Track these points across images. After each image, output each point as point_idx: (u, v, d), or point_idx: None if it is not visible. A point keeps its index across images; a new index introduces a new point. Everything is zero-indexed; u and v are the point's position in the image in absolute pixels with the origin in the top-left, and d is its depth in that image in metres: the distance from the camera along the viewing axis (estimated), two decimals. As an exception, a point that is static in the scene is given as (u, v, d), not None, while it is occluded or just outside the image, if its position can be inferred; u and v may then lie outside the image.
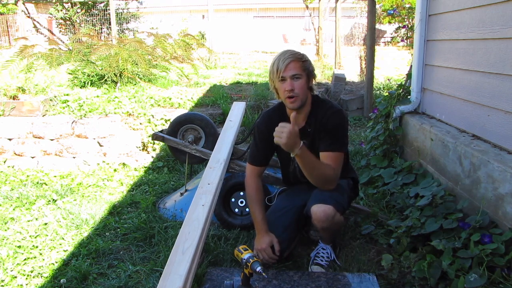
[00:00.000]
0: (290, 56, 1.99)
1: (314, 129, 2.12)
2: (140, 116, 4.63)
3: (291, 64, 1.98)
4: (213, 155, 2.61)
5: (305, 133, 2.12)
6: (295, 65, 1.98)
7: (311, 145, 2.13)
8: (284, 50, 2.04)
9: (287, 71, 1.98)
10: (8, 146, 4.53)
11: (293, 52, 2.03)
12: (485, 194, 2.12)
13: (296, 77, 1.99)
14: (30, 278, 2.31)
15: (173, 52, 6.11)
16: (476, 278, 1.76)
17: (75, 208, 3.15)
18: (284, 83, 2.00)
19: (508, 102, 2.12)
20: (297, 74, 1.99)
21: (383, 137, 3.39)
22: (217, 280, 2.05)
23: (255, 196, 2.23)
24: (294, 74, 1.98)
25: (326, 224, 2.02)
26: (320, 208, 2.00)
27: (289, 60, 1.98)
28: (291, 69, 1.98)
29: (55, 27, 12.13)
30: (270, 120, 2.15)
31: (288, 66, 1.97)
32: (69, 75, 5.53)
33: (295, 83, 1.99)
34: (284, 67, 1.97)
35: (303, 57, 2.03)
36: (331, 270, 2.17)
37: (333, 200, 2.02)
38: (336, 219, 2.04)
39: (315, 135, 2.13)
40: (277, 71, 1.99)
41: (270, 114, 2.23)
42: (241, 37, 15.06)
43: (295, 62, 1.99)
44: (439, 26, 2.97)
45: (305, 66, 2.02)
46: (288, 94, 2.00)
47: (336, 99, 6.54)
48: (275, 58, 2.04)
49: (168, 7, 19.30)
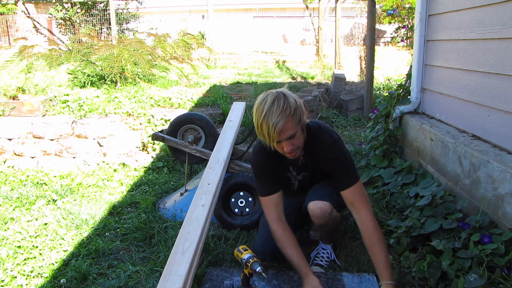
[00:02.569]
0: (280, 117, 1.71)
1: (312, 160, 2.06)
2: (140, 116, 4.63)
3: (283, 127, 1.74)
4: (213, 155, 2.61)
5: (304, 166, 2.10)
6: (287, 126, 1.75)
7: (311, 176, 2.14)
8: (269, 105, 1.73)
9: (281, 136, 1.76)
10: (8, 146, 4.53)
11: (280, 107, 1.73)
12: (485, 194, 2.12)
13: (291, 137, 1.80)
14: (30, 278, 2.31)
15: (173, 52, 6.11)
16: (476, 278, 1.76)
17: (75, 208, 3.15)
18: (280, 144, 1.82)
19: (508, 102, 2.12)
20: (292, 134, 1.79)
21: (383, 137, 3.39)
22: (217, 280, 2.05)
23: (286, 239, 1.97)
24: (289, 136, 1.79)
25: (323, 221, 2.03)
26: (316, 204, 2.01)
27: (280, 124, 1.72)
28: (284, 132, 1.75)
29: (55, 27, 12.12)
30: (264, 152, 2.00)
31: (281, 131, 1.74)
32: (69, 75, 5.53)
33: (292, 141, 1.82)
34: (278, 134, 1.74)
35: (291, 110, 1.75)
36: (331, 270, 2.17)
37: (329, 197, 2.03)
38: (333, 215, 2.04)
39: (314, 167, 2.08)
40: (269, 136, 1.75)
41: (263, 147, 1.98)
42: (241, 37, 15.06)
43: (287, 123, 1.74)
44: (439, 26, 2.97)
45: (296, 120, 1.78)
46: (288, 154, 1.86)
47: (336, 99, 6.54)
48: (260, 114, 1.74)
49: (167, 7, 19.28)
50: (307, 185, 2.20)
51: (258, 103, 1.79)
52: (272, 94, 1.78)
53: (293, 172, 2.16)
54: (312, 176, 2.14)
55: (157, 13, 16.76)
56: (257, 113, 1.77)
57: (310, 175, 2.14)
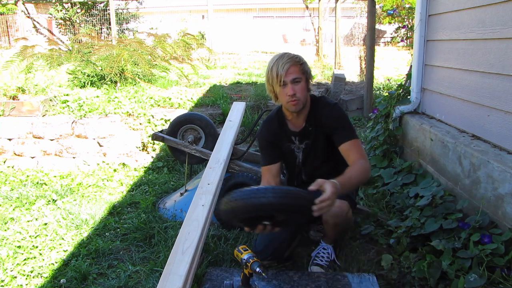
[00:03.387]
0: (288, 60, 1.98)
1: (314, 128, 2.14)
2: (140, 116, 4.63)
3: (290, 68, 1.97)
4: (213, 155, 2.61)
5: (306, 133, 2.15)
6: (294, 69, 1.98)
7: (313, 143, 2.17)
8: (281, 54, 2.03)
9: (287, 75, 1.97)
10: (8, 146, 4.53)
11: (290, 55, 2.01)
12: (485, 194, 2.12)
13: (296, 81, 1.99)
14: (30, 278, 2.31)
15: (173, 52, 6.12)
16: (476, 278, 1.76)
17: (75, 208, 3.15)
18: (285, 88, 1.99)
19: (508, 102, 2.12)
20: (297, 78, 1.98)
21: (383, 137, 3.39)
22: (217, 280, 2.05)
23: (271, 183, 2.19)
24: (294, 78, 1.98)
25: (340, 220, 2.04)
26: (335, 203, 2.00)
27: (288, 64, 1.96)
28: (291, 73, 1.97)
29: (55, 27, 12.12)
30: (270, 128, 2.21)
31: (288, 71, 1.96)
32: (69, 75, 5.53)
33: (296, 87, 1.99)
34: (285, 72, 1.96)
35: (300, 59, 2.03)
36: (331, 270, 2.17)
37: (347, 197, 2.05)
38: (349, 216, 2.07)
39: (316, 133, 2.15)
40: (277, 76, 1.97)
41: (269, 122, 2.24)
42: (241, 37, 15.06)
43: (294, 66, 1.98)
44: (439, 26, 2.97)
45: (303, 69, 2.02)
46: (290, 98, 2.00)
47: (336, 99, 6.54)
48: (272, 62, 2.02)
49: (167, 7, 19.28)
50: (311, 158, 2.20)
51: (272, 57, 2.05)
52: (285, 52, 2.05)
53: (295, 142, 2.19)
54: (315, 144, 2.16)
55: (157, 13, 16.76)
56: (270, 61, 2.03)
57: (312, 143, 2.16)
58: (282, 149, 2.23)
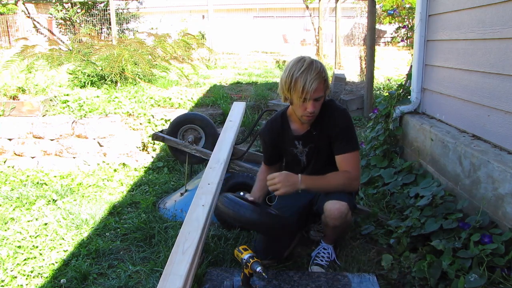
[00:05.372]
0: (316, 76, 1.88)
1: (319, 132, 2.11)
2: (140, 116, 4.64)
3: (318, 87, 1.90)
4: (213, 155, 2.61)
5: (310, 137, 2.13)
6: (320, 87, 1.91)
7: (317, 147, 2.15)
8: (307, 64, 1.90)
9: (314, 94, 1.90)
10: (8, 146, 4.53)
11: (318, 68, 1.90)
12: (485, 194, 2.12)
13: (318, 99, 1.95)
14: (30, 278, 2.31)
15: (173, 52, 6.12)
16: (476, 278, 1.75)
17: (75, 208, 3.15)
18: (305, 103, 1.94)
19: (508, 102, 2.12)
20: (320, 97, 1.95)
21: (383, 137, 3.38)
22: (217, 280, 2.05)
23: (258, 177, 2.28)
24: (318, 97, 1.93)
25: (339, 222, 2.03)
26: (335, 205, 1.99)
27: (316, 82, 1.88)
28: (316, 92, 1.90)
29: (55, 27, 12.11)
30: (272, 128, 2.23)
31: (315, 90, 1.89)
32: (69, 75, 5.53)
33: (316, 104, 1.95)
34: (312, 91, 1.88)
35: (325, 75, 1.94)
36: (331, 270, 2.17)
37: (346, 198, 2.04)
38: (348, 217, 2.06)
39: (320, 137, 2.12)
40: (302, 91, 1.89)
41: (272, 123, 2.24)
42: (241, 37, 15.07)
43: (320, 83, 1.91)
44: (439, 26, 2.97)
45: (326, 85, 1.96)
46: (308, 113, 1.98)
47: (336, 99, 6.54)
48: (296, 71, 1.89)
49: (168, 7, 19.28)
50: (314, 161, 2.19)
51: (295, 62, 1.94)
52: (309, 58, 1.94)
53: (299, 146, 2.18)
54: (318, 148, 2.15)
55: (157, 13, 16.74)
56: (293, 69, 1.91)
57: (316, 147, 2.15)
58: (285, 154, 2.24)
